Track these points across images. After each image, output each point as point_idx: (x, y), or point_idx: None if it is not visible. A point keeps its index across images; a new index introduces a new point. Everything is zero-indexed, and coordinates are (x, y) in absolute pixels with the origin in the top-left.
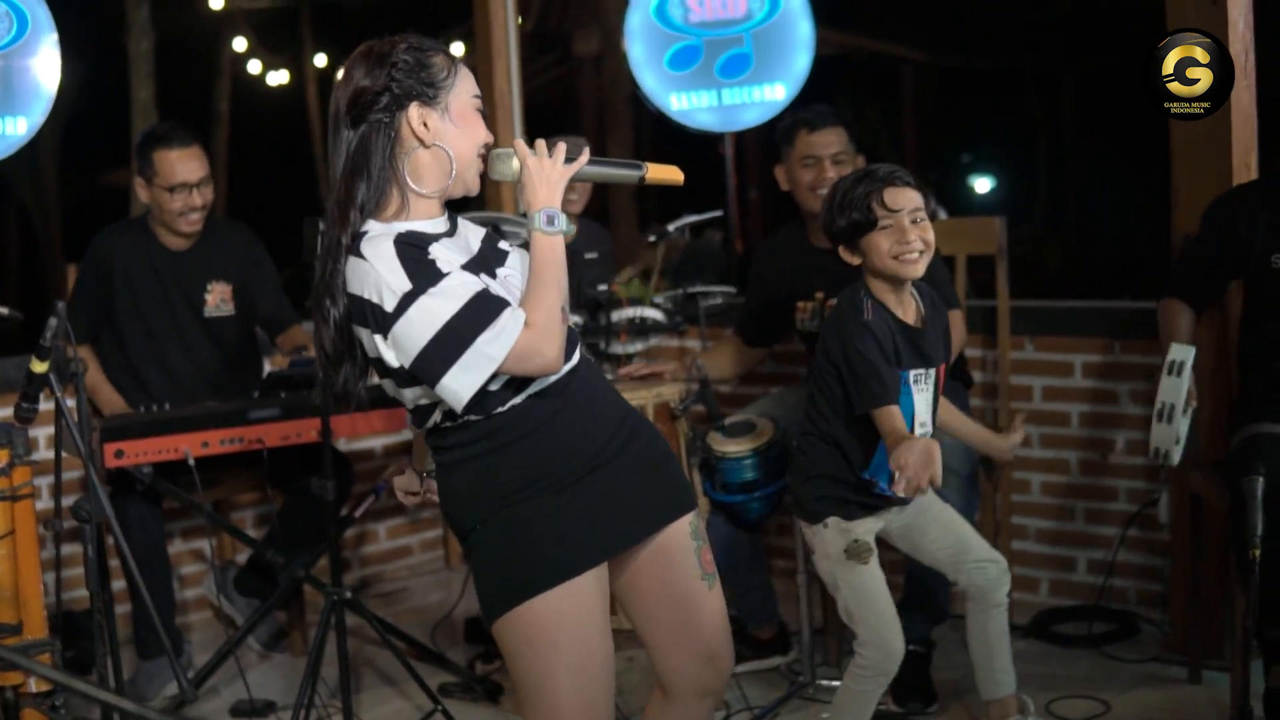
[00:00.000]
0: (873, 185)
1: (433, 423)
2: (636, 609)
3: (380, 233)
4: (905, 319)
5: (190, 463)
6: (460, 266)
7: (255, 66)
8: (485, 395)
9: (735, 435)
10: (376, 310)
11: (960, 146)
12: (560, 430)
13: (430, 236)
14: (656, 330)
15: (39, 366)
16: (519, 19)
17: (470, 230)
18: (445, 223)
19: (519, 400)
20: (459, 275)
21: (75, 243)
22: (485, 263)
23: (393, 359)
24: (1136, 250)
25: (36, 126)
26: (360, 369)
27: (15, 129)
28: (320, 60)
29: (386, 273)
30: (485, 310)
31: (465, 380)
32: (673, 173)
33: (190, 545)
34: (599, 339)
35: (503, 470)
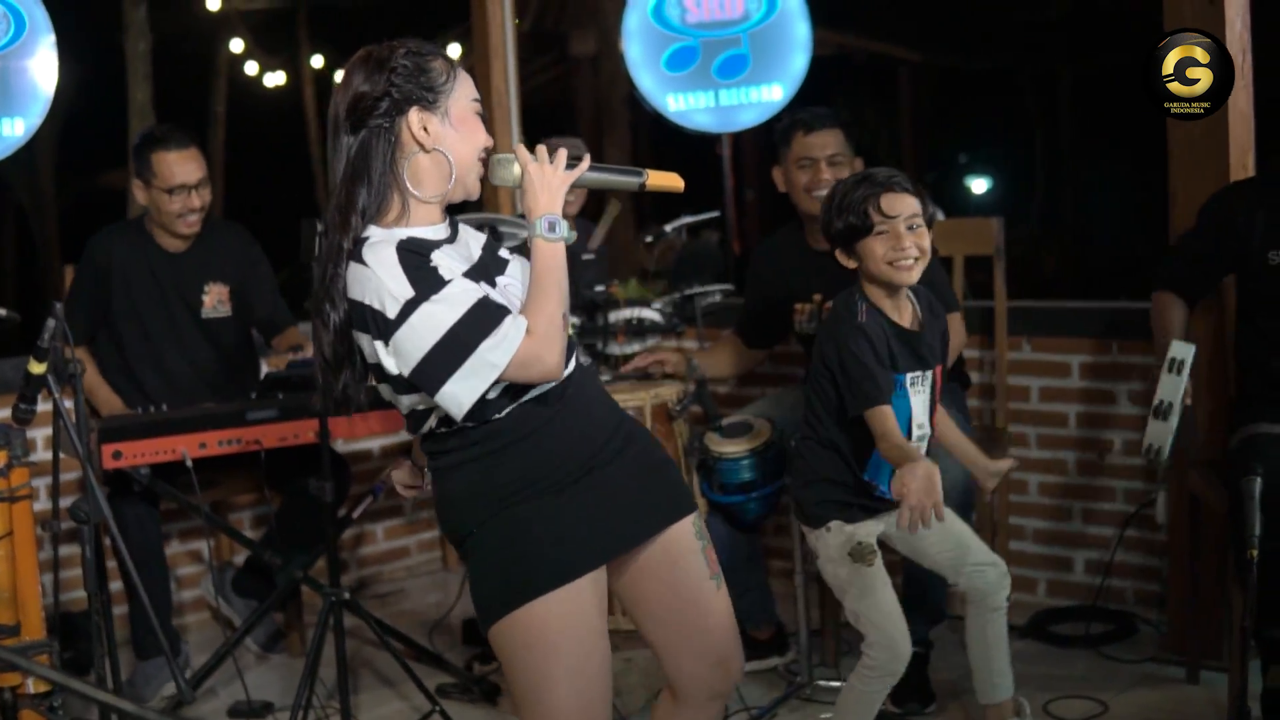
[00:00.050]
0: (871, 190)
1: (428, 428)
2: (645, 613)
3: (382, 239)
4: (901, 322)
5: (188, 464)
6: (462, 274)
7: (252, 68)
8: (483, 402)
9: (732, 436)
10: (378, 316)
11: (957, 147)
12: (557, 433)
13: (432, 243)
14: (654, 331)
15: (37, 368)
16: (516, 19)
17: (471, 236)
18: (446, 229)
19: (515, 406)
20: (461, 283)
21: (72, 244)
22: (485, 271)
23: (392, 366)
24: (1134, 251)
25: (34, 128)
26: (360, 374)
27: (13, 130)
28: (317, 61)
29: (389, 279)
30: (487, 318)
31: (467, 388)
32: (673, 180)
33: (188, 546)
34: (596, 340)
35: (499, 473)
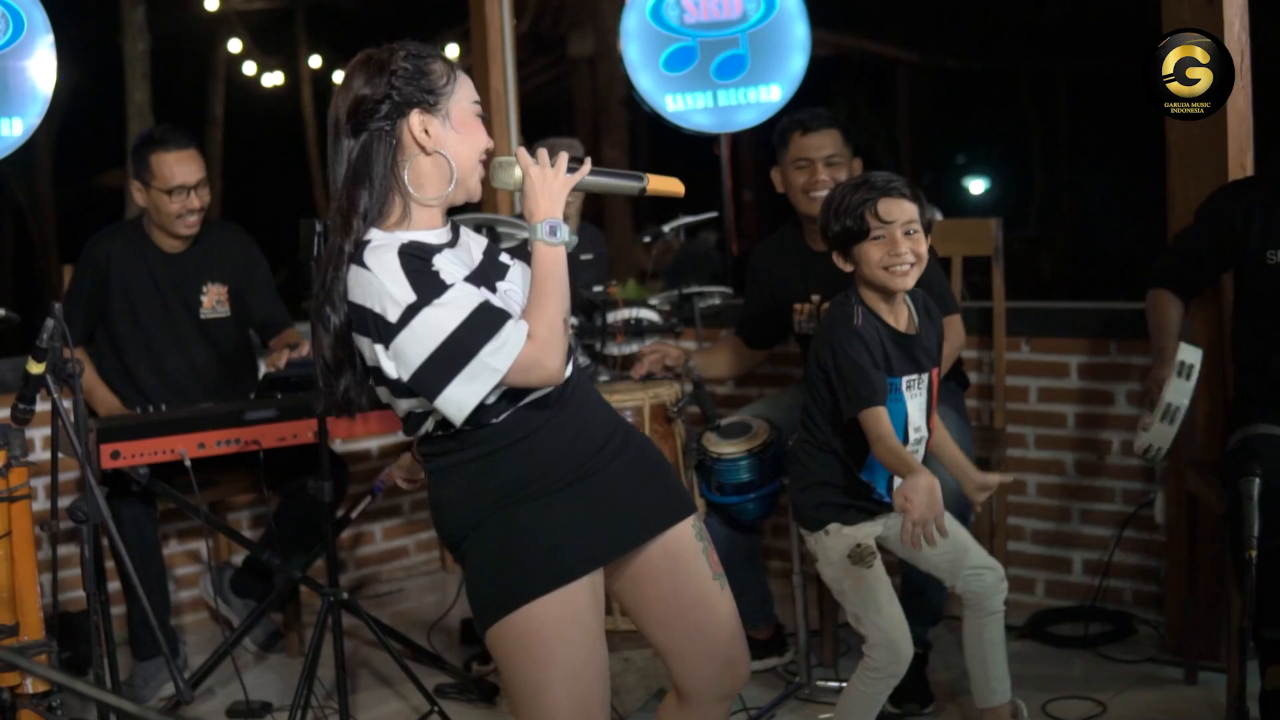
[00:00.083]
0: (868, 194)
1: (424, 431)
2: (650, 617)
3: (384, 243)
4: (896, 326)
5: (187, 464)
6: (463, 279)
7: (250, 68)
8: (481, 407)
9: (731, 436)
10: (379, 320)
11: (955, 148)
12: (553, 436)
13: (434, 247)
14: (652, 331)
15: (35, 368)
16: (514, 20)
17: (473, 240)
18: (448, 233)
19: (513, 410)
20: (462, 287)
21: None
22: (486, 276)
23: (392, 370)
24: (1131, 251)
25: (32, 128)
26: (361, 378)
27: (11, 130)
28: (315, 62)
29: (390, 284)
30: (488, 322)
31: (468, 392)
32: (673, 184)
33: (186, 546)
34: (595, 340)
35: (495, 474)
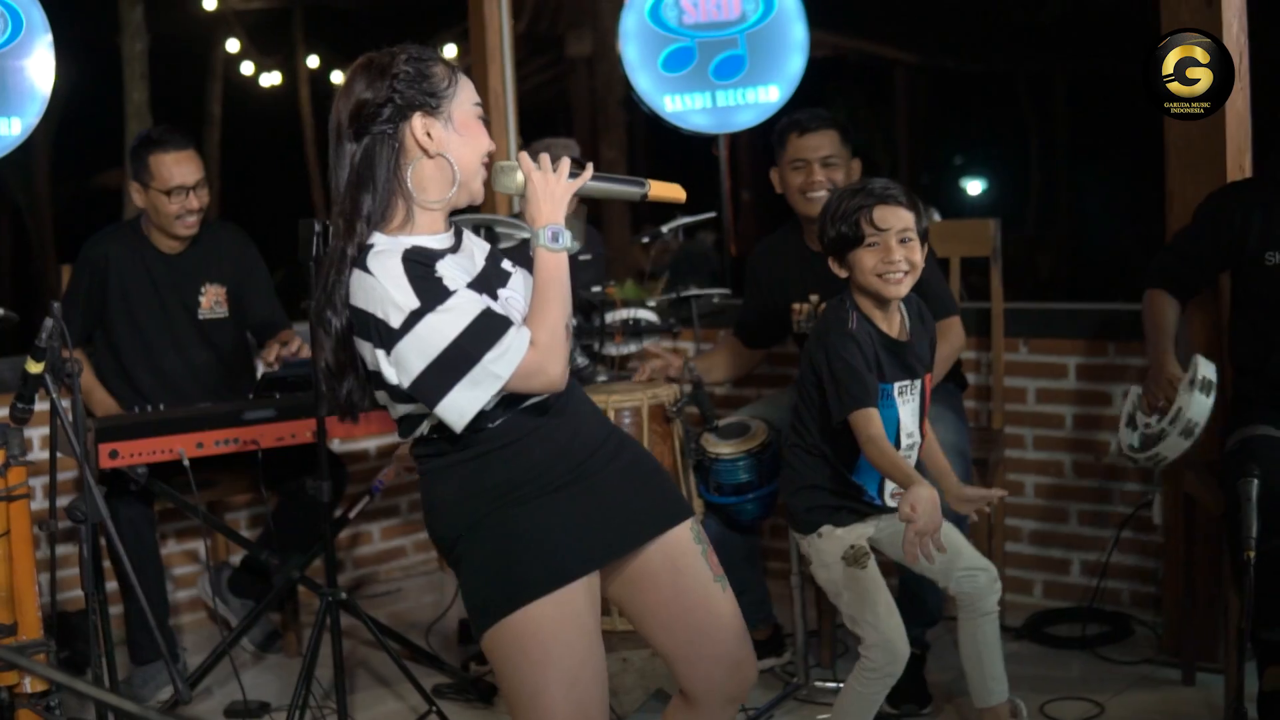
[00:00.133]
0: (865, 201)
1: (419, 433)
2: (654, 622)
3: (387, 248)
4: (889, 332)
5: (185, 464)
6: (465, 285)
7: (248, 68)
8: (479, 412)
9: (729, 437)
10: (381, 325)
11: (952, 148)
12: (548, 438)
13: (437, 253)
14: (651, 332)
15: (34, 367)
16: (512, 21)
17: (476, 246)
18: (450, 237)
19: (509, 415)
20: (465, 293)
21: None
22: (488, 282)
23: (392, 375)
24: (1128, 252)
25: (31, 127)
26: (363, 381)
27: (9, 129)
28: (313, 62)
29: (394, 290)
30: (491, 329)
31: (470, 398)
32: (675, 190)
33: (184, 546)
34: (593, 340)
35: (490, 475)
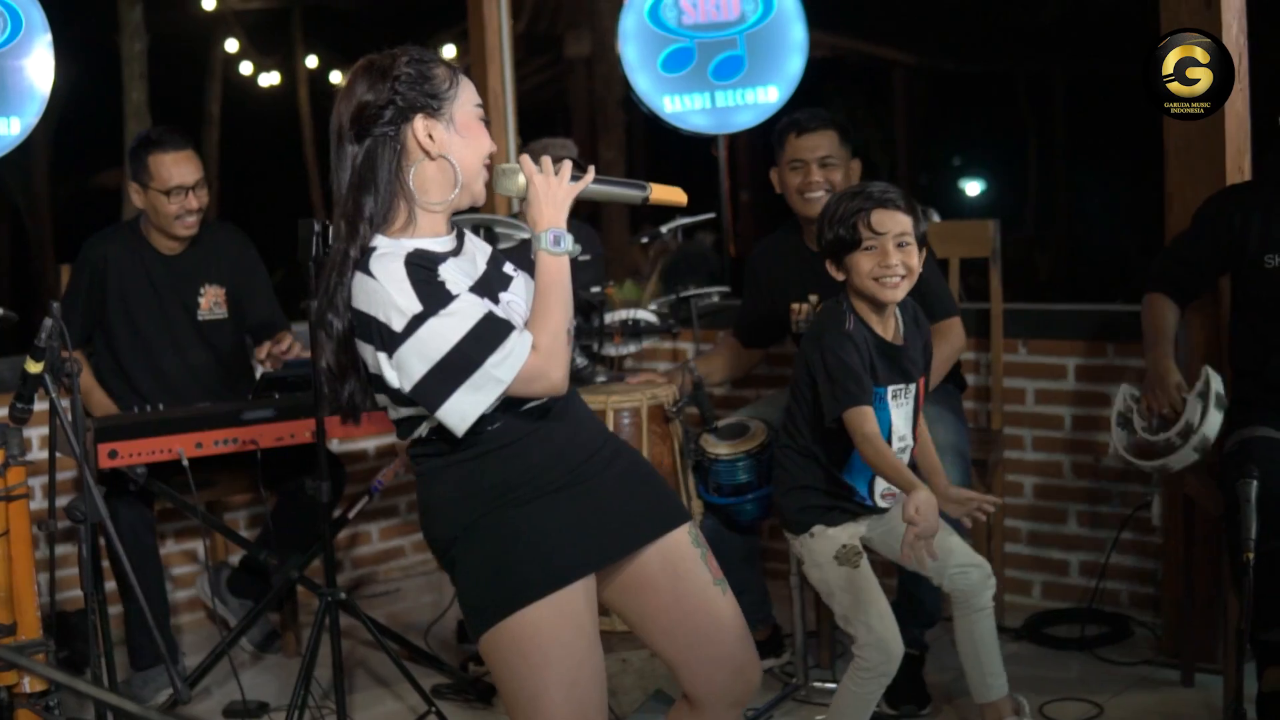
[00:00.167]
0: (863, 204)
1: (417, 434)
2: (655, 628)
3: (390, 251)
4: (884, 335)
5: (184, 463)
6: (468, 289)
7: (247, 68)
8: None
9: (729, 438)
10: (383, 329)
11: (951, 149)
12: (545, 440)
13: (439, 256)
14: (650, 332)
15: (34, 367)
16: (511, 21)
17: (478, 249)
18: (453, 240)
19: (507, 418)
20: (468, 298)
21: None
22: (489, 286)
23: (394, 379)
24: (1127, 253)
25: (30, 127)
26: (365, 383)
27: (9, 129)
28: (311, 62)
29: (396, 293)
30: (493, 333)
31: (471, 402)
32: (676, 194)
33: (183, 546)
34: (592, 341)
35: (486, 475)
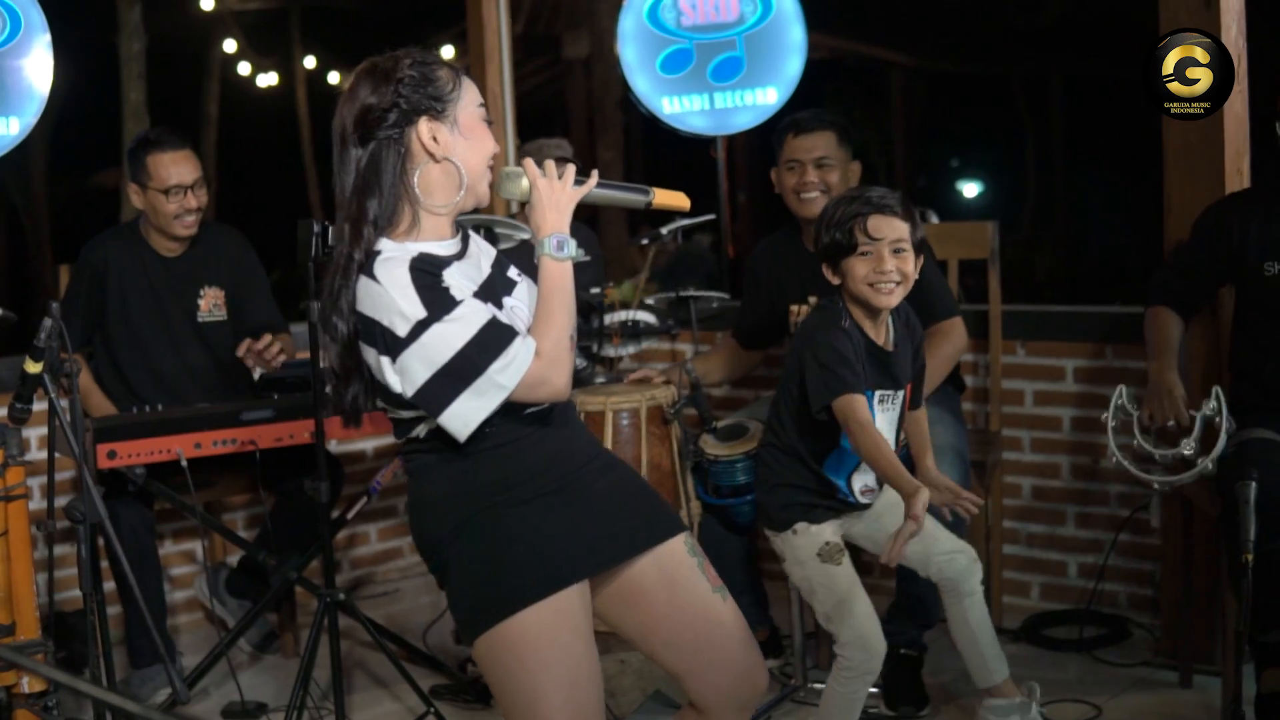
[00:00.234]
0: (860, 209)
1: (415, 434)
2: (657, 640)
3: (394, 255)
4: (876, 340)
5: (183, 464)
6: (472, 295)
7: (245, 69)
8: None
9: (727, 439)
10: (387, 334)
11: (949, 151)
12: (540, 443)
13: (444, 260)
14: (649, 333)
15: (33, 367)
16: (510, 22)
17: (482, 252)
18: (457, 243)
19: (507, 421)
20: (472, 303)
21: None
22: (493, 290)
23: (396, 384)
24: (1124, 255)
25: (29, 127)
26: (369, 385)
27: (8, 129)
28: (309, 62)
29: (400, 299)
30: (496, 339)
31: (474, 408)
32: (678, 199)
33: (182, 547)
34: (591, 342)
35: (480, 474)
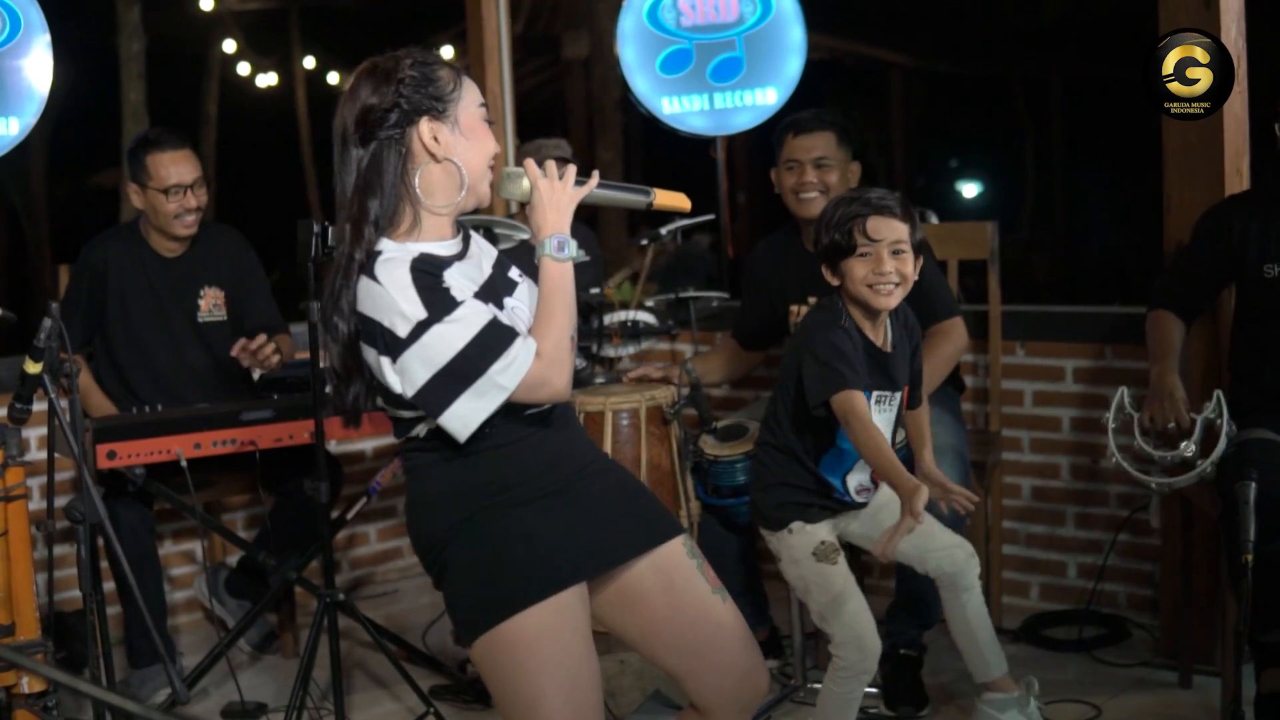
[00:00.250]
0: (860, 210)
1: (415, 433)
2: (659, 642)
3: (395, 255)
4: (875, 341)
5: (183, 464)
6: (473, 295)
7: (244, 69)
8: None
9: (727, 439)
10: (387, 334)
11: (948, 151)
12: (539, 445)
13: (444, 260)
14: (648, 334)
15: (32, 367)
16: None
17: (483, 252)
18: (458, 243)
19: (508, 422)
20: (472, 304)
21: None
22: (494, 291)
23: (396, 384)
24: (1123, 255)
25: (29, 127)
26: (370, 386)
27: (7, 129)
28: (309, 63)
29: (401, 300)
30: (497, 340)
31: (474, 409)
32: (679, 199)
33: (181, 547)
34: (591, 342)
35: (480, 472)
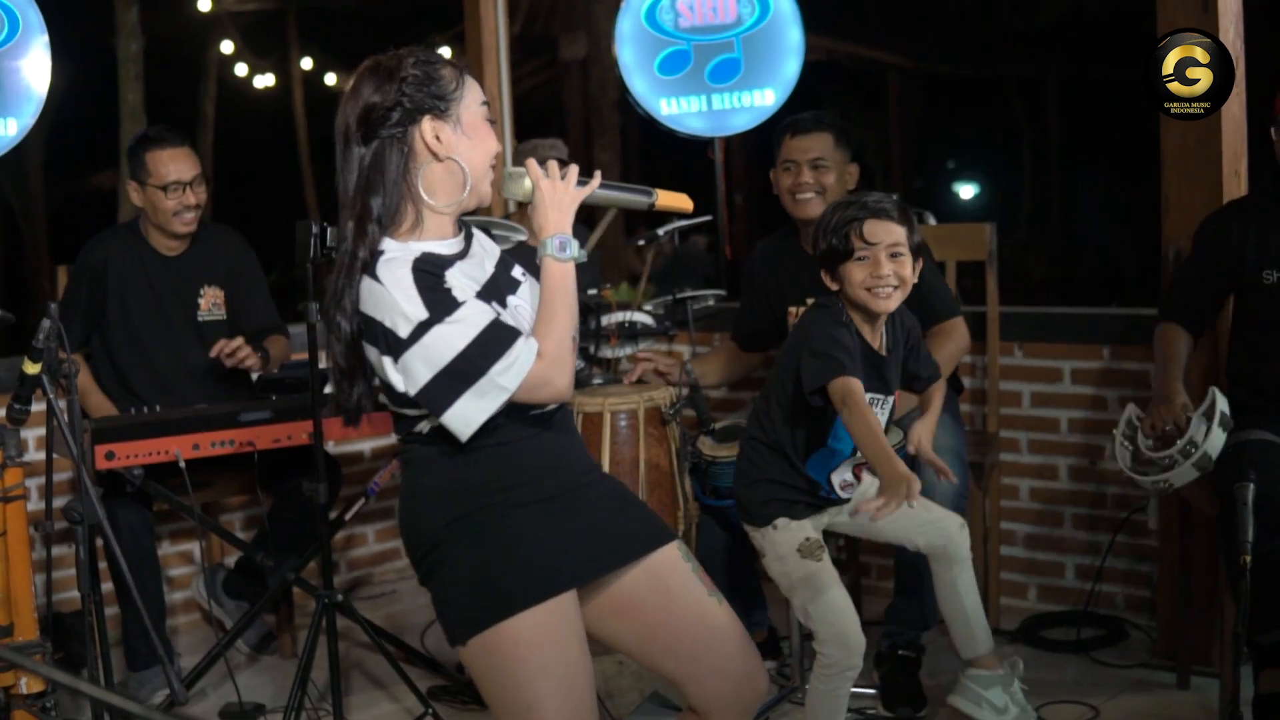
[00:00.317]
0: (857, 214)
1: (417, 430)
2: (656, 647)
3: (398, 255)
4: (871, 343)
5: (181, 465)
6: (474, 295)
7: (242, 70)
8: None
9: (726, 440)
10: (389, 334)
11: (946, 153)
12: (537, 448)
13: (446, 260)
14: (646, 334)
15: (31, 368)
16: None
17: (486, 251)
18: (460, 242)
19: (509, 421)
20: (474, 304)
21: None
22: (497, 290)
23: (399, 383)
24: (1121, 257)
25: (27, 128)
26: (372, 385)
27: (5, 130)
28: (306, 63)
29: (403, 300)
30: (499, 340)
31: (476, 409)
32: (681, 200)
33: (179, 548)
34: (589, 343)
35: (479, 470)
